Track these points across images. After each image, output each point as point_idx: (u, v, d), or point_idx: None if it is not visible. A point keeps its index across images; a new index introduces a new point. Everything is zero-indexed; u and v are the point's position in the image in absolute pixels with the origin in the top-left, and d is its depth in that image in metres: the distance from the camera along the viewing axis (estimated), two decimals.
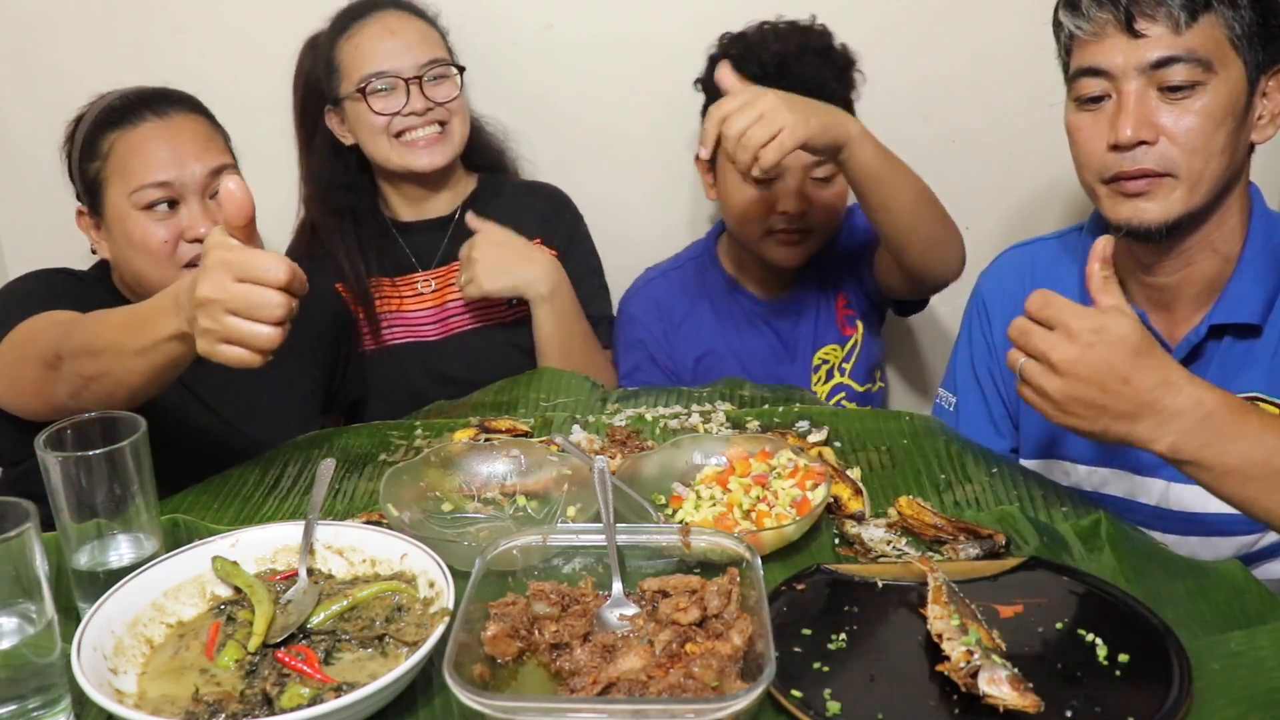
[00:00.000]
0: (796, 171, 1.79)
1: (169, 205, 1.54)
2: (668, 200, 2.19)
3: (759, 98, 1.46)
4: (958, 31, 2.05)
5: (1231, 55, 1.29)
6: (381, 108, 1.83)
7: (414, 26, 1.87)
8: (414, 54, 1.83)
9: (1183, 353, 1.41)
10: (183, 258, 1.54)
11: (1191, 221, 1.34)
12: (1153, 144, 1.30)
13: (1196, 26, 1.27)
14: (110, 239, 1.59)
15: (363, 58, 1.84)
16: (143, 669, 1.01)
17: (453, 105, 1.87)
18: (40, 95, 2.09)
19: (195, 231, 1.53)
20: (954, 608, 1.01)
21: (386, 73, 1.82)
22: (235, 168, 1.61)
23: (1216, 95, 1.28)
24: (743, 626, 0.97)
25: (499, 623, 1.00)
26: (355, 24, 1.86)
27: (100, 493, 1.08)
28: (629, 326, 1.97)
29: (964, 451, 1.43)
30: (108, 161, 1.56)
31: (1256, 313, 1.37)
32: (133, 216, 1.54)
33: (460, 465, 1.33)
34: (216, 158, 1.57)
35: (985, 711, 0.92)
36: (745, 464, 1.30)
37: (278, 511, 1.35)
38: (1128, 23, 1.28)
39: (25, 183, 2.17)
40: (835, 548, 1.21)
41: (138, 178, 1.53)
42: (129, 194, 1.54)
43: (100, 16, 2.06)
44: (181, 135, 1.56)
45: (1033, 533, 1.22)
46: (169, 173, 1.53)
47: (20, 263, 2.24)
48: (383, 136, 1.85)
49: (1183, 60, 1.27)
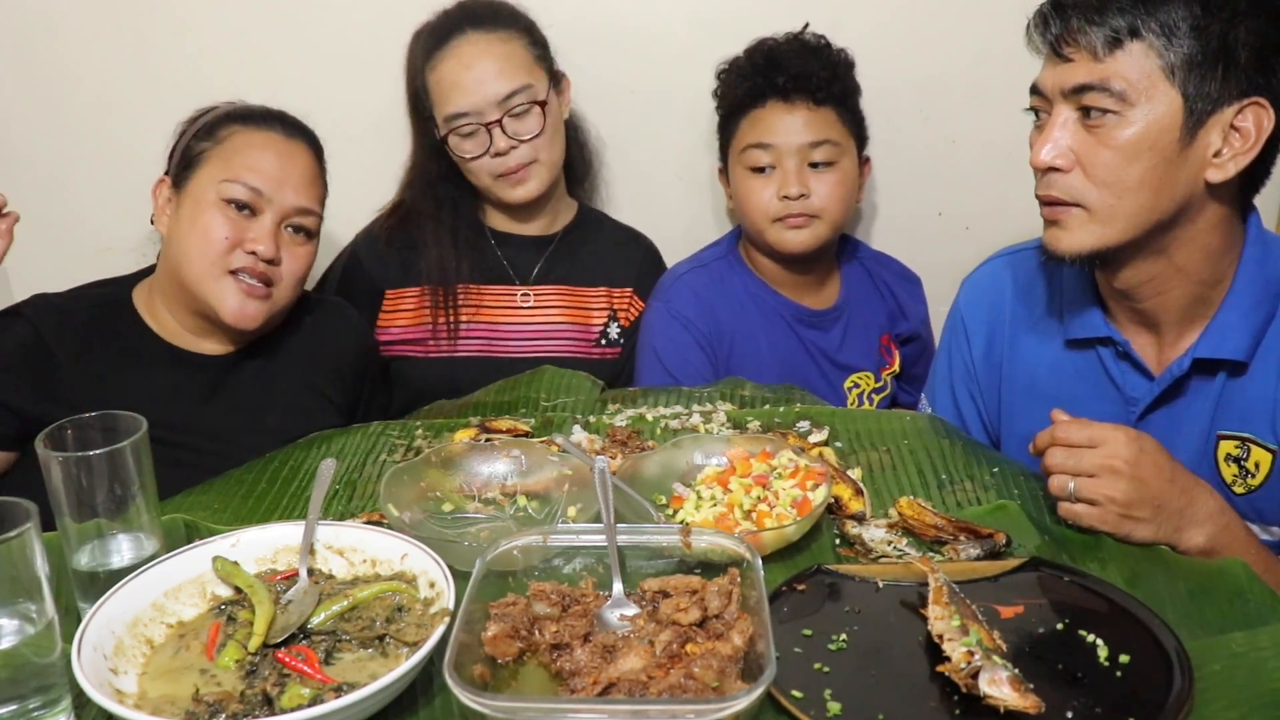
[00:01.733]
0: (794, 155, 1.81)
1: (247, 210, 1.55)
2: (670, 201, 2.19)
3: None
4: (958, 32, 2.05)
5: (1163, 87, 1.23)
6: (467, 151, 1.84)
7: (492, 52, 1.81)
8: (493, 88, 1.79)
9: (1164, 384, 1.37)
10: (231, 263, 1.54)
11: (1124, 254, 1.30)
12: (1066, 172, 1.28)
13: (1121, 54, 1.23)
14: (176, 216, 1.58)
15: (444, 95, 1.82)
16: (143, 669, 1.00)
17: (539, 141, 1.83)
18: (40, 95, 2.09)
19: (256, 245, 1.54)
20: (955, 608, 1.01)
21: (467, 114, 1.80)
22: (318, 217, 1.63)
23: (1136, 128, 1.24)
24: (743, 627, 0.97)
25: (499, 623, 1.00)
26: (437, 52, 1.83)
27: (101, 493, 1.08)
28: (670, 321, 1.90)
29: (964, 451, 1.43)
30: (219, 145, 1.58)
31: (1242, 349, 1.32)
32: (211, 203, 1.55)
33: (461, 465, 1.33)
34: (309, 200, 1.60)
35: (986, 712, 0.92)
36: (746, 464, 1.30)
37: (278, 511, 1.35)
38: (1055, 46, 1.28)
39: (25, 183, 2.16)
40: (836, 548, 1.21)
41: (236, 171, 1.55)
42: (219, 181, 1.55)
43: (100, 16, 2.06)
44: (293, 159, 1.59)
45: (1033, 533, 1.22)
46: (264, 183, 1.55)
47: (20, 263, 2.24)
48: (476, 172, 1.86)
49: (1095, 89, 1.25)
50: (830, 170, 1.83)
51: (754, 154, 1.83)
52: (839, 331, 1.95)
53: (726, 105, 1.89)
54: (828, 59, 1.85)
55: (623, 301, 1.99)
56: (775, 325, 1.93)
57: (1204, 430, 1.37)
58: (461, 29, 1.82)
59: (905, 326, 2.02)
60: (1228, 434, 1.36)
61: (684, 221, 2.18)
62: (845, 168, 1.84)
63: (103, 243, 2.16)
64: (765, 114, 1.82)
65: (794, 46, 1.85)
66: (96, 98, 2.10)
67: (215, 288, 1.54)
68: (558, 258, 1.95)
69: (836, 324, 1.96)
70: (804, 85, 1.80)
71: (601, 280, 1.98)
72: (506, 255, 1.96)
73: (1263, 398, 1.33)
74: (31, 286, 2.23)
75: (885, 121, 2.06)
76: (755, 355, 1.91)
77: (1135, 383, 1.41)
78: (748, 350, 1.91)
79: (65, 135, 2.14)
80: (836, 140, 1.83)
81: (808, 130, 1.81)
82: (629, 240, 2.03)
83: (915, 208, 2.15)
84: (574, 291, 1.97)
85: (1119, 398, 1.42)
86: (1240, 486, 1.36)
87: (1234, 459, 1.35)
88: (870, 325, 1.98)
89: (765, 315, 1.93)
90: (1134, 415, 1.41)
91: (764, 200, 1.83)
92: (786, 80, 1.80)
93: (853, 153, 1.87)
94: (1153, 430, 1.32)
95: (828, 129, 1.82)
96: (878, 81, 2.00)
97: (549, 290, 1.96)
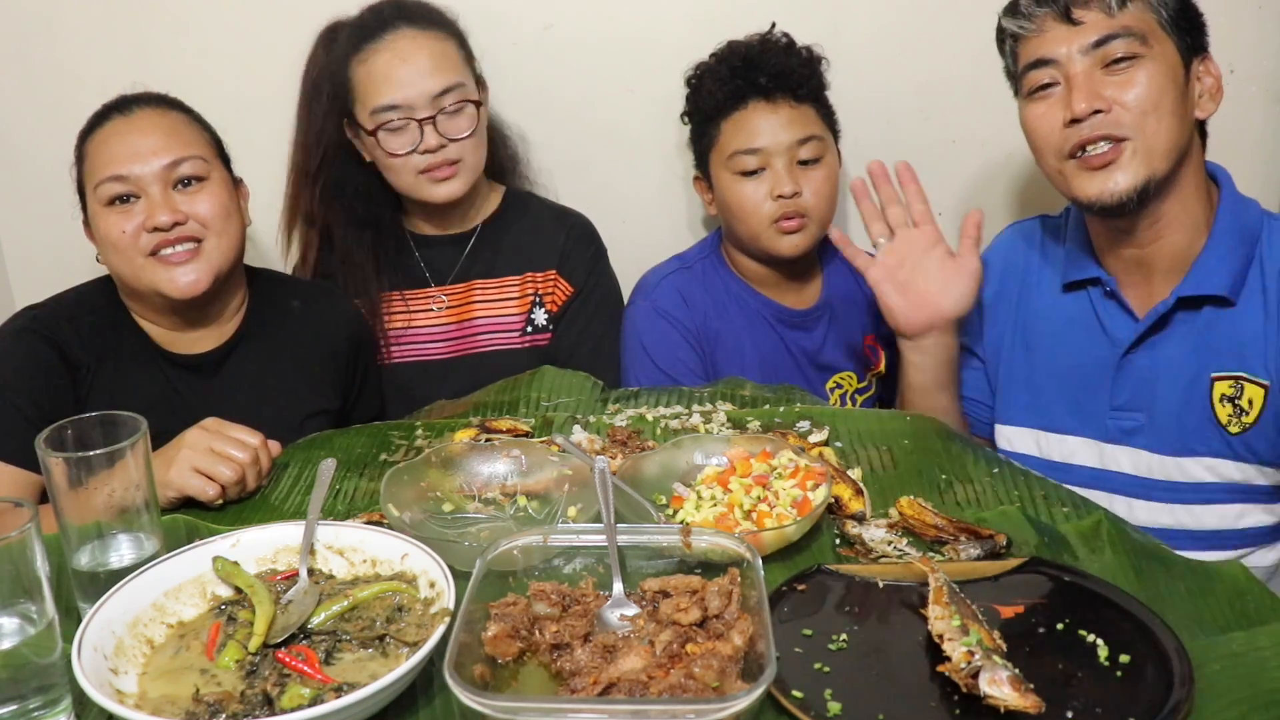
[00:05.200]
0: (783, 155, 1.80)
1: (130, 199, 1.54)
2: (667, 200, 2.19)
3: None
4: (958, 32, 2.05)
5: (1162, 35, 1.42)
6: (395, 146, 1.78)
7: (428, 48, 1.77)
8: (428, 83, 1.75)
9: (1149, 321, 1.47)
10: (144, 247, 1.53)
11: (1158, 190, 1.42)
12: (1106, 112, 1.41)
13: (1128, 9, 1.40)
14: (95, 241, 1.59)
15: (375, 87, 1.77)
16: (143, 669, 1.01)
17: (467, 143, 1.80)
18: (40, 95, 2.09)
19: (154, 220, 1.52)
20: (955, 608, 1.01)
21: (399, 106, 1.75)
22: (206, 160, 1.58)
23: (1156, 66, 1.40)
24: (743, 627, 0.97)
25: (499, 623, 1.00)
26: (367, 45, 1.78)
27: (100, 493, 1.08)
28: (656, 319, 1.90)
29: (964, 451, 1.43)
30: (83, 165, 1.58)
31: (1224, 285, 1.44)
32: (100, 213, 1.55)
33: (461, 465, 1.33)
34: (179, 150, 1.56)
35: (986, 712, 0.92)
36: (746, 464, 1.30)
37: (278, 511, 1.35)
38: (1065, 13, 1.42)
39: (25, 183, 2.16)
40: (836, 548, 1.21)
41: (98, 174, 1.54)
42: (94, 190, 1.55)
43: (100, 16, 2.06)
44: (141, 130, 1.56)
45: (1033, 533, 1.22)
46: (124, 166, 1.53)
47: (20, 262, 2.25)
48: (400, 169, 1.81)
49: (1120, 36, 1.40)
50: (818, 167, 1.82)
51: (742, 159, 1.81)
52: (821, 331, 1.95)
53: (703, 111, 1.87)
54: (801, 56, 1.84)
55: (547, 285, 1.94)
56: (757, 325, 1.93)
57: (1193, 373, 1.47)
58: (395, 24, 1.79)
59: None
60: (1221, 375, 1.45)
61: (673, 221, 2.18)
62: (830, 163, 1.84)
63: None
64: (749, 116, 1.81)
65: (767, 46, 1.85)
66: (96, 98, 2.10)
67: (150, 277, 1.54)
68: (477, 253, 1.92)
69: (818, 324, 1.95)
70: (785, 83, 1.80)
71: (523, 267, 1.94)
72: (425, 259, 1.94)
73: (1252, 334, 1.44)
74: (31, 286, 2.24)
75: (885, 122, 2.06)
76: (738, 355, 1.91)
77: (1121, 322, 1.52)
78: (730, 350, 1.91)
79: (65, 135, 2.13)
80: (820, 135, 1.82)
81: (793, 128, 1.80)
82: (553, 219, 1.97)
83: None
84: (489, 285, 1.94)
85: (1105, 339, 1.53)
86: (1235, 426, 1.44)
87: (1228, 399, 1.44)
88: (854, 325, 1.97)
89: (747, 315, 1.93)
90: (1118, 355, 1.51)
91: (758, 203, 1.81)
92: (768, 80, 1.79)
93: (834, 147, 1.87)
94: (1136, 369, 1.50)
95: (811, 125, 1.81)
96: (878, 81, 2.00)
97: (462, 289, 1.93)
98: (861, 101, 1.92)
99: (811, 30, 1.89)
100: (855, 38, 1.90)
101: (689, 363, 1.87)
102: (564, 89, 2.09)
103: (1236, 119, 2.02)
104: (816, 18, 1.92)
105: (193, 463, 1.33)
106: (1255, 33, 2.01)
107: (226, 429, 1.37)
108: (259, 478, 1.38)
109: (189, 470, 1.33)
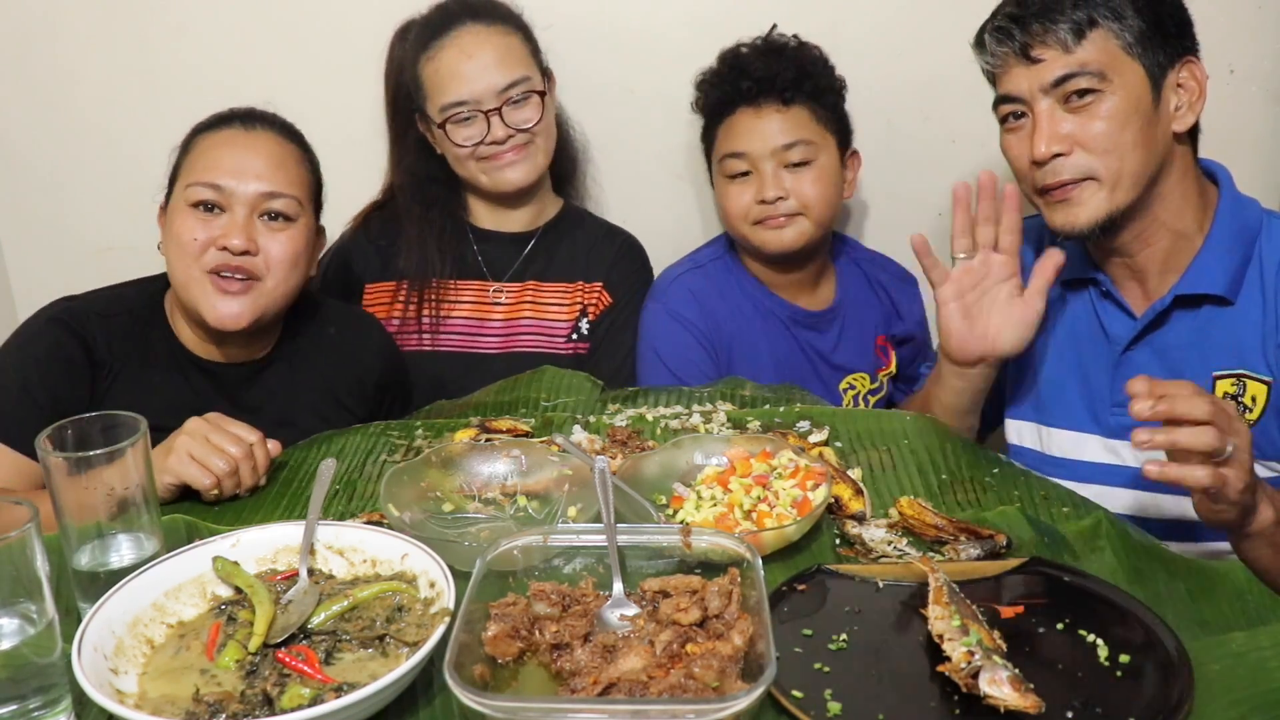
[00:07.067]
0: (768, 160, 1.80)
1: (215, 209, 1.54)
2: (668, 200, 2.19)
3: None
4: (958, 32, 2.04)
5: (1127, 62, 1.40)
6: (463, 138, 1.83)
7: (493, 43, 1.81)
8: (493, 77, 1.80)
9: (1147, 319, 1.48)
10: (207, 262, 1.53)
11: (1127, 215, 1.43)
12: (1068, 155, 1.41)
13: (1086, 43, 1.39)
14: (165, 234, 1.59)
15: (442, 84, 1.81)
16: (143, 669, 1.01)
17: (536, 128, 1.84)
18: (40, 95, 2.09)
19: (228, 240, 1.52)
20: (955, 608, 1.01)
21: (466, 102, 1.80)
22: (300, 202, 1.58)
23: (1118, 99, 1.40)
24: (743, 627, 0.97)
25: (500, 623, 1.00)
26: (434, 43, 1.83)
27: (100, 493, 1.08)
28: (669, 321, 1.90)
29: (964, 451, 1.43)
30: (186, 156, 1.58)
31: (1221, 284, 1.44)
32: (181, 210, 1.55)
33: (461, 465, 1.33)
34: (279, 184, 1.56)
35: (986, 712, 0.92)
36: (746, 464, 1.30)
37: (278, 511, 1.35)
38: (1024, 51, 1.42)
39: (25, 183, 2.17)
40: (836, 548, 1.21)
41: (197, 174, 1.55)
42: (185, 188, 1.55)
43: (100, 17, 2.06)
44: (254, 149, 1.56)
45: (1033, 533, 1.22)
46: (222, 178, 1.53)
47: (20, 262, 2.25)
48: (468, 160, 1.85)
49: (1077, 74, 1.40)
50: (808, 168, 1.82)
51: (730, 163, 1.83)
52: (835, 332, 1.95)
53: (705, 115, 1.90)
54: (794, 58, 1.83)
55: (592, 296, 1.97)
56: (771, 326, 1.92)
57: (1194, 371, 1.46)
58: (462, 20, 1.83)
59: (901, 327, 2.02)
60: (1223, 373, 1.45)
61: (675, 221, 2.18)
62: (824, 164, 1.83)
63: (103, 243, 2.16)
64: (736, 121, 1.83)
65: (760, 49, 1.85)
66: (96, 98, 2.11)
67: (197, 291, 1.53)
68: (535, 254, 1.95)
69: (832, 325, 1.95)
70: (769, 88, 1.80)
71: (576, 276, 1.97)
72: (485, 253, 1.96)
73: (1252, 331, 1.44)
74: (31, 286, 2.24)
75: (885, 121, 2.06)
76: (752, 355, 1.90)
77: (1119, 321, 1.52)
78: (745, 350, 1.91)
79: (65, 135, 2.14)
80: (810, 139, 1.81)
81: (780, 133, 1.80)
82: (606, 236, 2.03)
83: (915, 208, 2.15)
84: (544, 288, 1.97)
85: (1104, 337, 1.53)
86: None
87: (1231, 397, 1.44)
88: (866, 326, 1.98)
89: (762, 316, 1.93)
90: (1117, 352, 1.51)
91: (742, 205, 1.83)
92: (750, 86, 1.80)
93: (832, 148, 1.85)
94: (1133, 367, 1.48)
95: (800, 129, 1.81)
96: (878, 81, 2.00)
97: (520, 287, 1.96)
98: (861, 101, 1.91)
99: (811, 30, 1.90)
100: (855, 37, 1.90)
101: (700, 364, 1.87)
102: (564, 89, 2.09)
103: (1236, 119, 2.02)
104: (816, 17, 1.92)
105: (189, 449, 1.33)
106: (1254, 33, 2.01)
107: (225, 423, 1.38)
108: (255, 475, 1.38)
109: (185, 457, 1.33)
